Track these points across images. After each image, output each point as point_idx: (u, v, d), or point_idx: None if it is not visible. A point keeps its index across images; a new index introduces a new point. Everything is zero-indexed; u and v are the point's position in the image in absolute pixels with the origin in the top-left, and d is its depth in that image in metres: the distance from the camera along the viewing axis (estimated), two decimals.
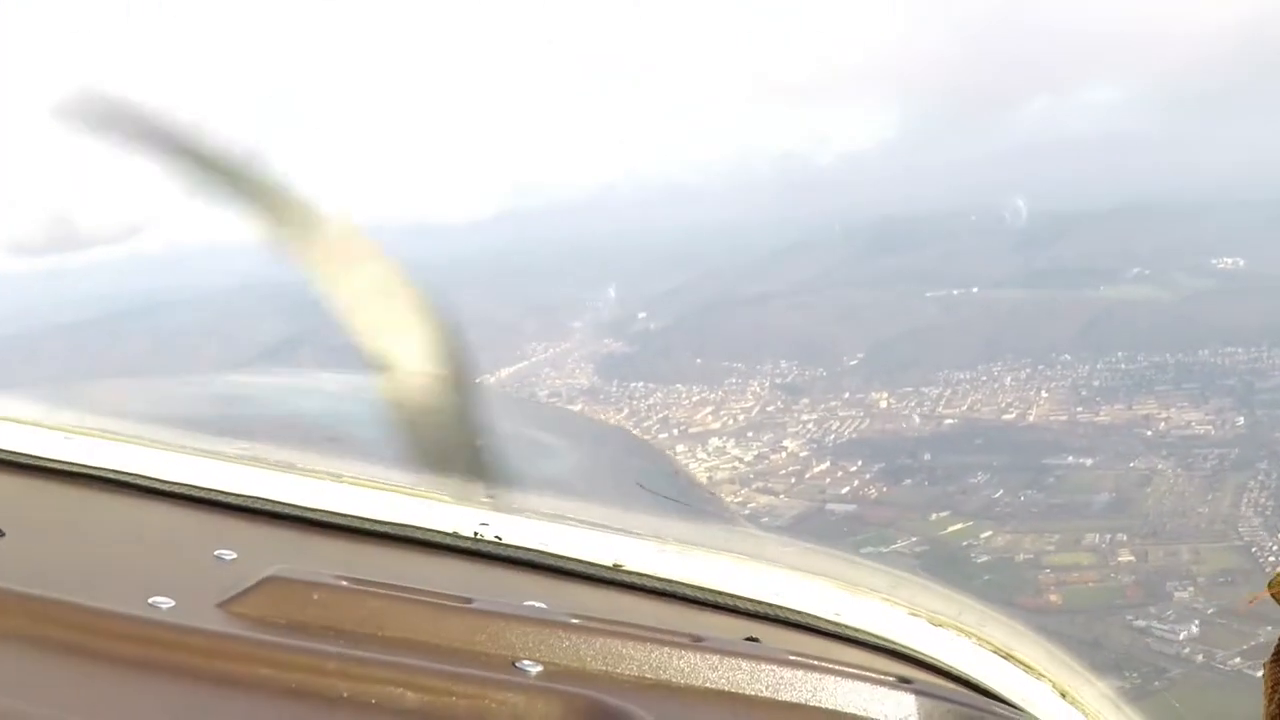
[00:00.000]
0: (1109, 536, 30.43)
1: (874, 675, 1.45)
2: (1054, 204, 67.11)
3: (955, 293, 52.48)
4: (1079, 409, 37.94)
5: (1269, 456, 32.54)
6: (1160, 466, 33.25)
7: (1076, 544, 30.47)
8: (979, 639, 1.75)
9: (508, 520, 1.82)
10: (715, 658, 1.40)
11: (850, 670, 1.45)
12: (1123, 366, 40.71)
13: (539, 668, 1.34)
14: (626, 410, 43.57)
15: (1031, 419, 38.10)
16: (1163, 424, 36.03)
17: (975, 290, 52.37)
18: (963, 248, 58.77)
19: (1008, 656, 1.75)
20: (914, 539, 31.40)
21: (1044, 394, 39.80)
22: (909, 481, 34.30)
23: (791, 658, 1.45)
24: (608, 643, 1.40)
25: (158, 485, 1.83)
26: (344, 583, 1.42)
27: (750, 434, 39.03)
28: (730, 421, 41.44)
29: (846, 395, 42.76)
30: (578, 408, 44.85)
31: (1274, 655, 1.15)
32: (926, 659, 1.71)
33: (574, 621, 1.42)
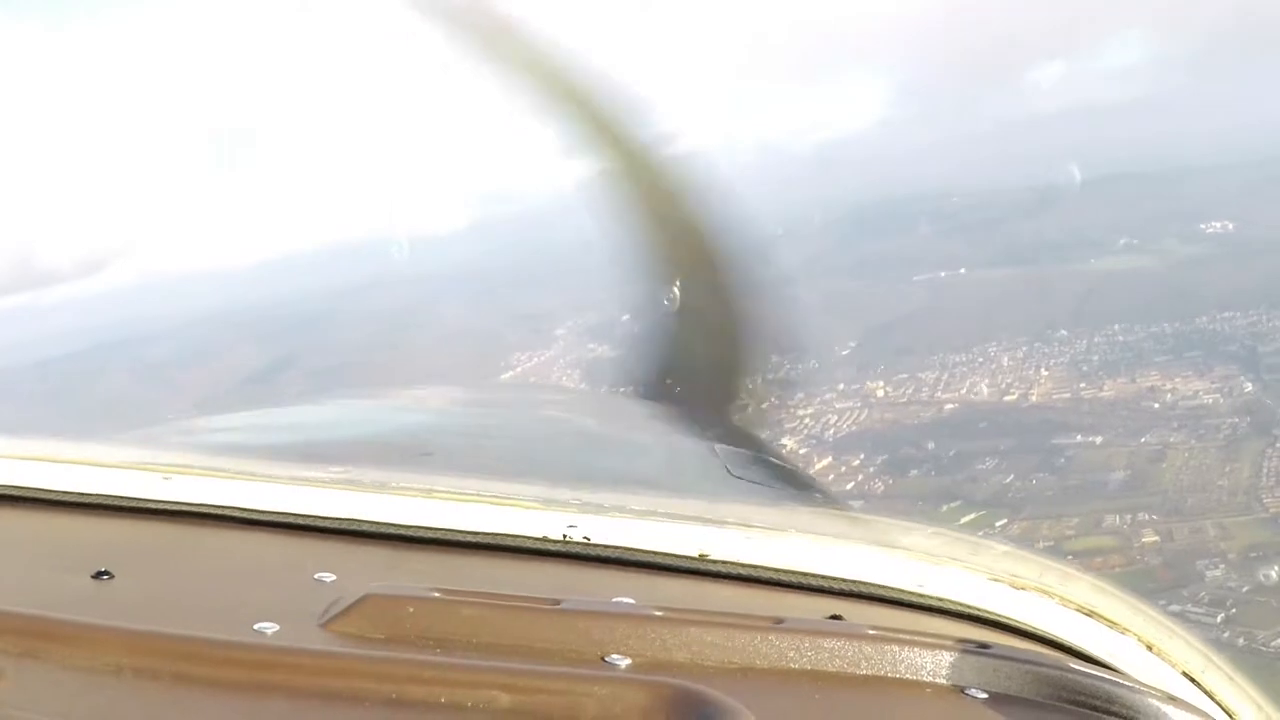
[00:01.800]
0: (1129, 517, 29.43)
1: (955, 643, 1.52)
2: (1035, 177, 66.34)
3: (943, 274, 51.69)
4: (1081, 385, 37.04)
5: None
6: (1173, 440, 32.44)
7: (1097, 527, 29.55)
8: (1062, 599, 1.85)
9: (595, 521, 1.95)
10: (797, 638, 1.48)
11: (932, 640, 1.53)
12: (1121, 339, 39.85)
13: (627, 660, 1.44)
14: None
15: (1034, 399, 37.19)
16: (1169, 395, 35.13)
17: (963, 271, 51.59)
18: (947, 228, 57.93)
19: (1091, 614, 1.85)
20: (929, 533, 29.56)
21: (1044, 372, 38.92)
22: (915, 472, 33.37)
23: (872, 632, 1.53)
24: (692, 631, 1.49)
25: (256, 516, 1.96)
26: (437, 594, 1.53)
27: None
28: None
29: (841, 387, 41.86)
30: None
31: None
32: (1010, 622, 1.81)
33: (658, 614, 1.51)
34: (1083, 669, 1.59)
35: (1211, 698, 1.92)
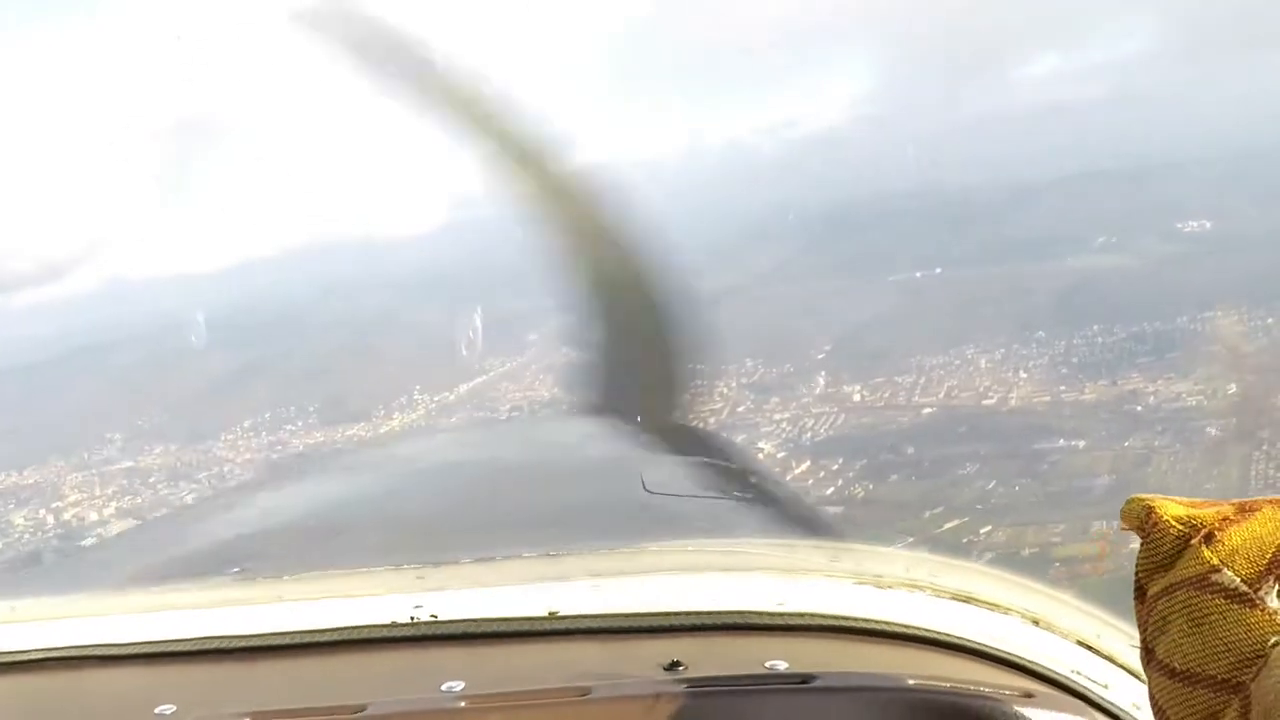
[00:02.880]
0: (1117, 523, 28.06)
1: (778, 681, 1.49)
2: (1009, 174, 65.96)
3: (918, 275, 51.18)
4: (1061, 388, 36.50)
5: (1269, 424, 31.35)
6: (1157, 444, 31.92)
7: (1084, 533, 28.40)
8: (934, 589, 1.89)
9: (441, 596, 2.01)
10: (609, 705, 1.46)
11: (750, 683, 1.49)
12: (1100, 340, 39.33)
13: None
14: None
15: (1013, 402, 36.62)
16: (1152, 398, 34.56)
17: (938, 270, 51.08)
18: (921, 227, 57.46)
19: (968, 599, 1.88)
20: (910, 539, 29.12)
21: (1022, 374, 38.38)
22: (895, 477, 32.76)
23: (695, 685, 1.48)
24: (495, 717, 1.49)
25: (113, 652, 1.96)
26: (248, 718, 1.51)
27: (723, 437, 37.52)
28: (700, 425, 39.86)
29: (818, 390, 41.29)
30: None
31: (1136, 594, 1.13)
32: (877, 625, 1.79)
33: (462, 705, 1.52)
34: (922, 686, 1.55)
35: (1111, 661, 1.87)
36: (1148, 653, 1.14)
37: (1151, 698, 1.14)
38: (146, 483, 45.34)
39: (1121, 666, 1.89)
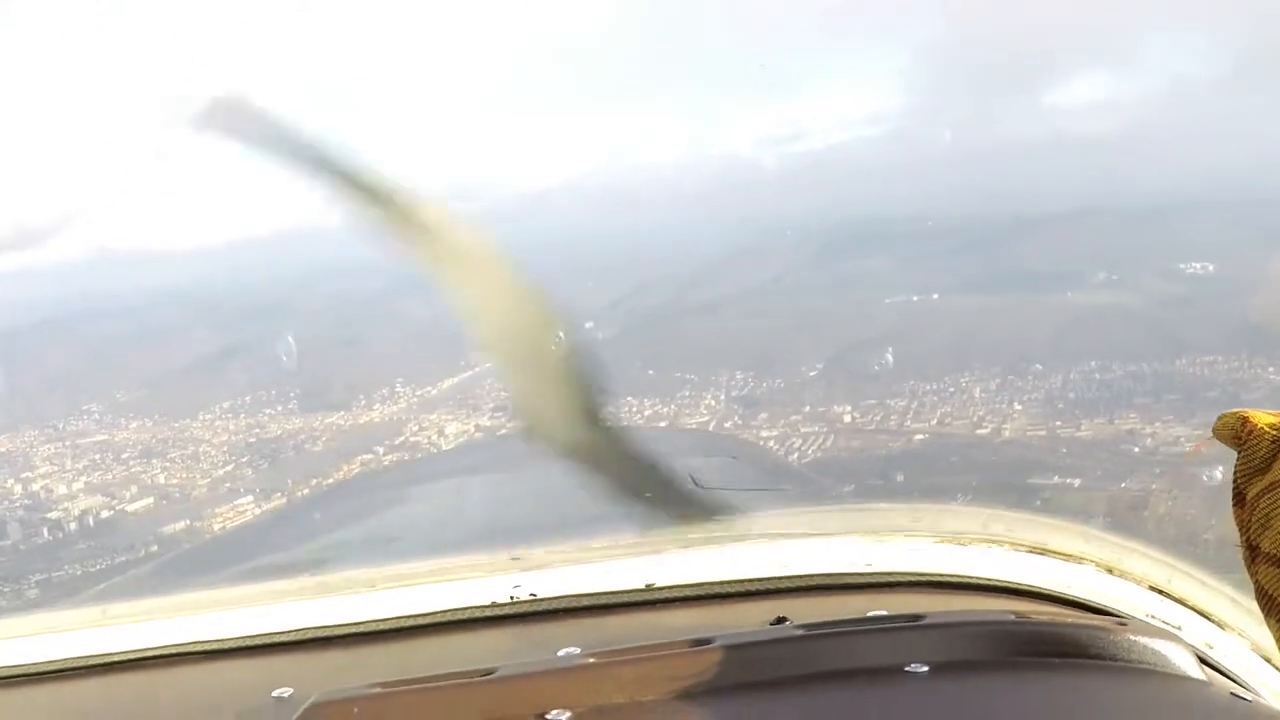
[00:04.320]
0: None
1: (888, 620, 1.57)
2: (1011, 204, 65.57)
3: (915, 299, 50.68)
4: (1057, 423, 35.86)
5: None
6: (1155, 487, 31.22)
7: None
8: (1011, 544, 2.05)
9: (538, 576, 2.07)
10: (728, 652, 1.52)
11: (865, 624, 1.57)
12: (1098, 377, 38.77)
13: (567, 714, 1.48)
14: None
15: (1007, 434, 35.97)
16: (1149, 439, 33.88)
17: (936, 296, 50.60)
18: (921, 252, 57.01)
19: (1044, 552, 2.05)
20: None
21: (1017, 406, 37.75)
22: (884, 506, 32.09)
23: (800, 631, 1.58)
24: (626, 670, 1.54)
25: (213, 647, 2.01)
26: (378, 689, 1.57)
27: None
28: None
29: (807, 409, 40.67)
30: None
31: (1235, 500, 1.21)
32: (962, 580, 1.94)
33: (591, 660, 1.56)
34: (1022, 619, 1.60)
35: (1183, 604, 2.02)
36: (1252, 549, 1.18)
37: (1259, 589, 1.19)
38: (119, 458, 44.76)
39: (1192, 609, 1.94)
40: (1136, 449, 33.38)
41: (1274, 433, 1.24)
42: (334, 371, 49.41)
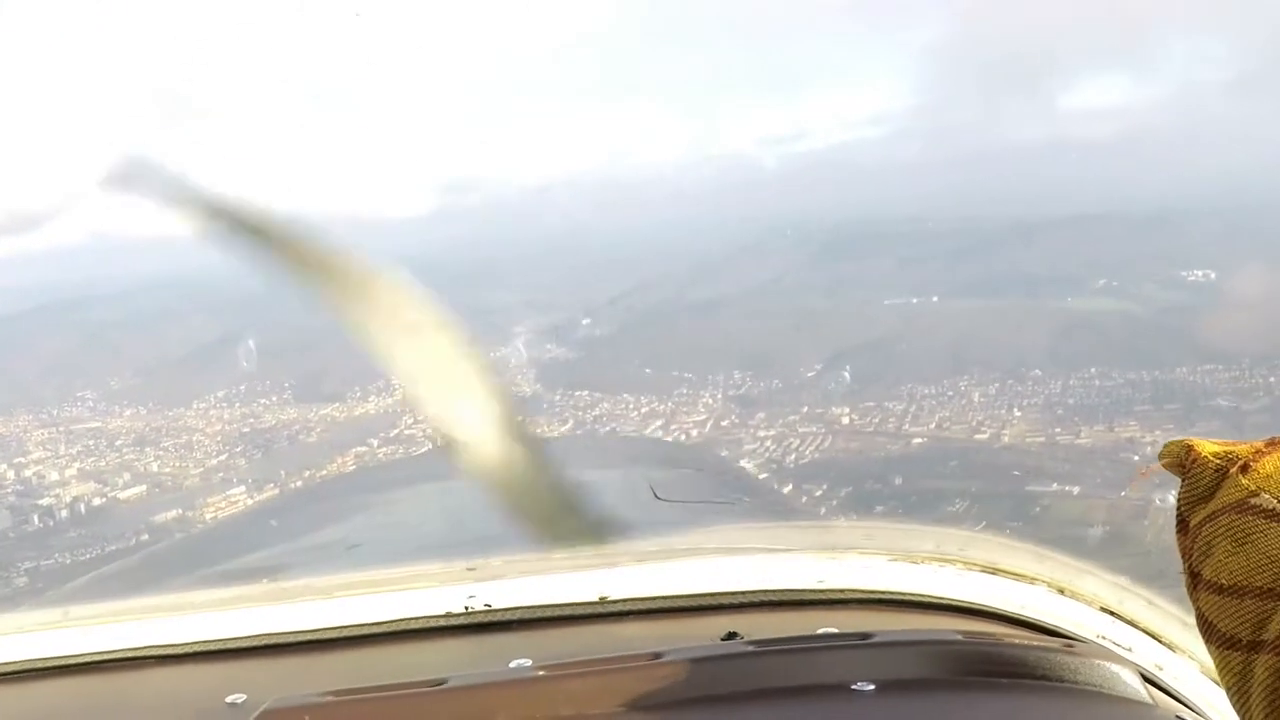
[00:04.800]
0: (1109, 579, 27.41)
1: (836, 639, 1.62)
2: (1012, 208, 65.55)
3: (915, 301, 50.52)
4: (1056, 429, 35.64)
5: None
6: (1155, 497, 31.09)
7: (1100, 579, 27.28)
8: (964, 563, 1.92)
9: (492, 586, 2.00)
10: (676, 667, 1.54)
11: (813, 642, 1.62)
12: (1097, 383, 38.55)
13: None
14: (571, 421, 41.36)
15: (1006, 439, 35.74)
16: (1149, 448, 33.59)
17: (935, 299, 50.44)
18: (921, 253, 56.85)
19: (995, 571, 1.92)
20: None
21: (1016, 412, 37.53)
22: (880, 509, 31.81)
23: (750, 647, 1.61)
24: (574, 683, 1.55)
25: (172, 651, 1.98)
26: (330, 698, 1.57)
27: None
28: (682, 436, 39.02)
29: (805, 409, 40.44)
30: (519, 418, 42.63)
31: (1179, 527, 1.26)
32: (914, 598, 1.87)
33: (541, 673, 1.58)
34: (970, 638, 1.62)
35: (1134, 625, 1.92)
36: (1194, 576, 1.25)
37: (1200, 616, 1.24)
38: (113, 445, 44.65)
39: (1143, 630, 1.96)
40: (1136, 457, 33.11)
41: (1217, 462, 1.26)
42: (329, 362, 49.24)
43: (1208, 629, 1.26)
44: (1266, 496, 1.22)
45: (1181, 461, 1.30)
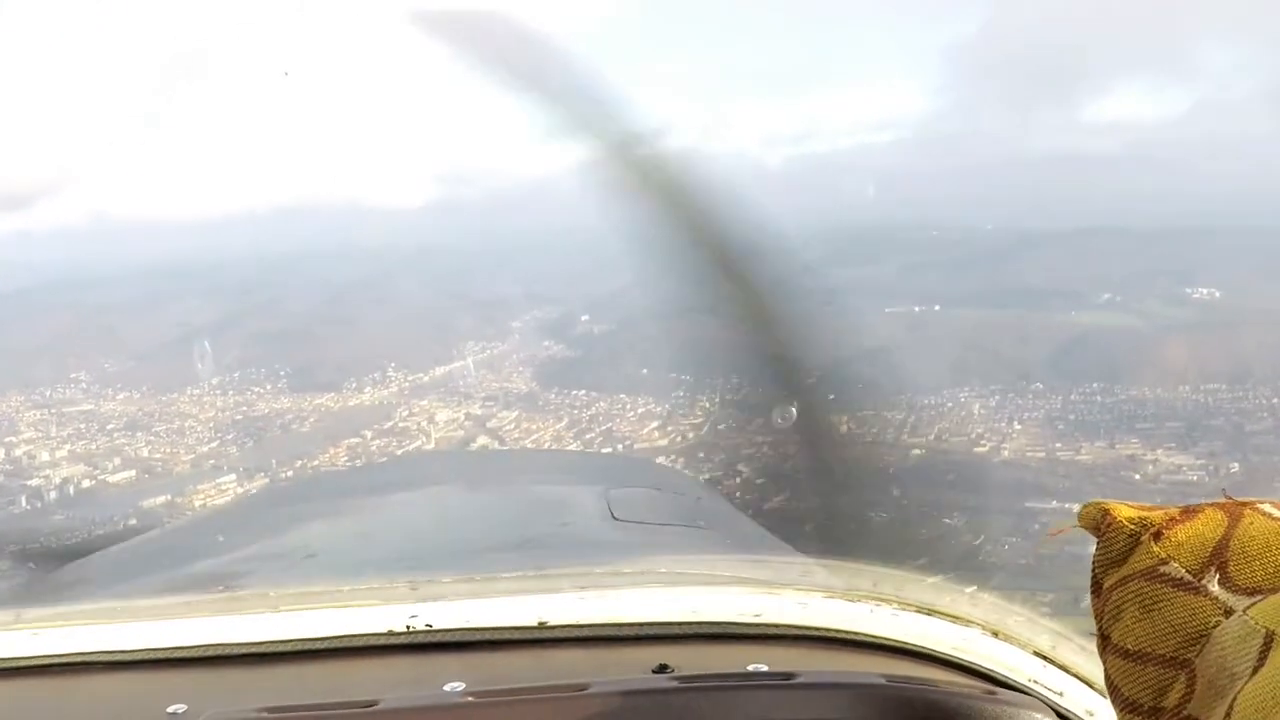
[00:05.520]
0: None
1: (762, 677, 1.64)
2: (1017, 219, 65.21)
3: (917, 309, 50.23)
4: (1057, 445, 35.28)
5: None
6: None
7: (1075, 606, 26.82)
8: (899, 603, 1.96)
9: (434, 607, 2.02)
10: (606, 700, 1.57)
11: (737, 679, 1.63)
12: (1099, 399, 38.23)
13: None
14: (567, 420, 41.11)
15: (1006, 454, 35.37)
16: (1151, 467, 33.30)
17: (937, 308, 50.14)
18: (923, 262, 56.54)
19: (931, 612, 1.95)
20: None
21: (1016, 425, 37.19)
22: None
23: (673, 683, 1.63)
24: (503, 710, 1.59)
25: (118, 658, 2.00)
26: (265, 715, 1.60)
27: (701, 454, 36.11)
28: (679, 439, 38.66)
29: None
30: (513, 414, 42.34)
31: (1093, 588, 1.30)
32: (848, 635, 1.89)
33: (470, 699, 1.62)
34: (894, 682, 1.62)
35: (1066, 671, 1.96)
36: (1103, 639, 1.30)
37: (1107, 678, 1.30)
38: (104, 429, 44.44)
39: (1075, 676, 1.96)
40: (1137, 476, 32.77)
41: (1132, 526, 1.29)
42: (325, 351, 48.98)
43: (1113, 691, 1.31)
44: (1175, 565, 1.25)
45: (1098, 524, 1.32)
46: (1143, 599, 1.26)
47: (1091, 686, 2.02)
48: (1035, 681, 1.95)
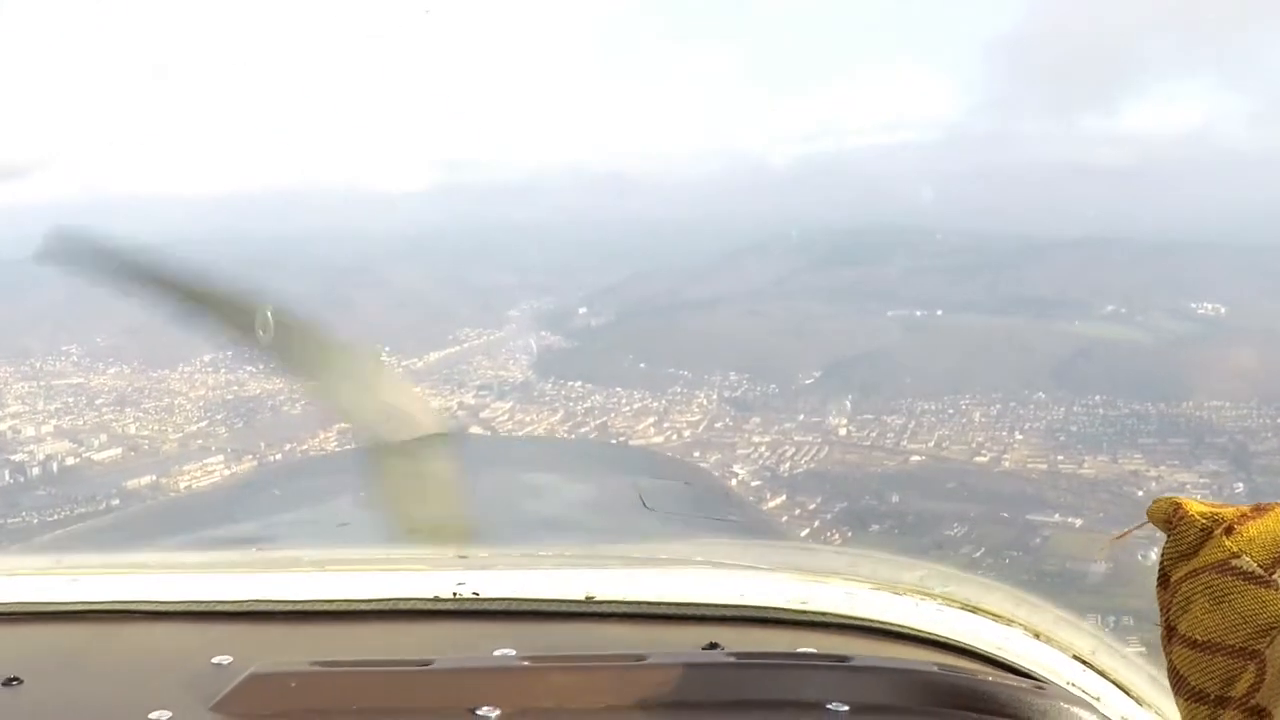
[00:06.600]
0: (1112, 619, 26.21)
1: (817, 658, 1.64)
2: (1022, 226, 65.00)
3: (918, 313, 49.88)
4: (1059, 457, 34.85)
5: None
6: (1159, 535, 30.21)
7: (1077, 627, 26.61)
8: (944, 598, 1.91)
9: (482, 575, 1.99)
10: (661, 671, 1.57)
11: (794, 659, 1.64)
12: (1101, 412, 37.81)
13: (497, 711, 1.51)
14: (562, 412, 40.73)
15: (1007, 464, 34.95)
16: (1154, 483, 32.85)
17: (939, 313, 49.76)
18: (926, 265, 56.14)
19: (975, 610, 1.90)
20: None
21: (1018, 435, 36.75)
22: (876, 528, 30.98)
23: (732, 658, 1.63)
24: (558, 677, 1.56)
25: (160, 608, 1.98)
26: (317, 668, 1.60)
27: (697, 453, 35.80)
28: (675, 436, 38.28)
29: (801, 417, 39.66)
30: (508, 405, 41.98)
31: (1160, 581, 1.30)
32: (893, 627, 1.85)
33: (526, 664, 1.60)
34: (946, 670, 1.63)
35: (1104, 676, 1.92)
36: (1169, 630, 1.28)
37: (1172, 669, 1.28)
38: (92, 404, 44.13)
39: (1113, 681, 1.89)
40: (1140, 492, 32.25)
41: (1203, 521, 1.25)
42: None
43: (1178, 681, 1.30)
44: (1247, 559, 1.24)
45: (1169, 518, 1.30)
46: (1213, 591, 1.24)
47: (1128, 693, 1.94)
48: (1073, 684, 1.87)
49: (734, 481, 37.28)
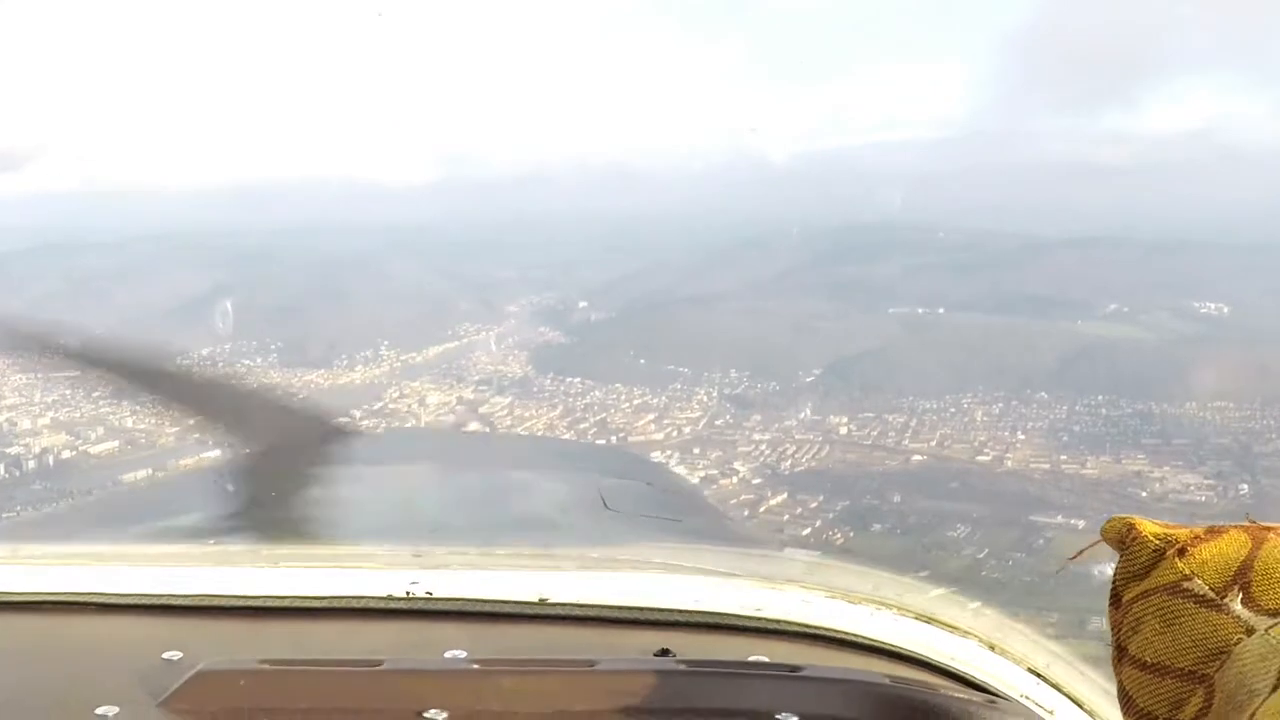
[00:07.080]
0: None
1: (768, 668, 1.68)
2: (1024, 225, 64.76)
3: (920, 311, 49.55)
4: (1062, 457, 34.58)
5: None
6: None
7: (1081, 629, 26.26)
8: (899, 608, 1.96)
9: (436, 575, 2.04)
10: (610, 678, 1.61)
11: (745, 668, 1.68)
12: (1104, 412, 37.55)
13: (444, 714, 1.54)
14: (561, 408, 40.52)
15: (1009, 464, 34.68)
16: (1157, 485, 32.57)
17: (941, 311, 49.46)
18: (928, 263, 55.83)
19: (930, 620, 1.95)
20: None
21: (1020, 435, 36.50)
22: (878, 527, 30.67)
23: (683, 666, 1.68)
24: (507, 681, 1.61)
25: (112, 600, 2.01)
26: (266, 666, 1.64)
27: (697, 450, 35.56)
28: (675, 433, 38.03)
29: (803, 415, 39.38)
30: (507, 400, 41.77)
31: (1111, 601, 1.32)
32: (847, 636, 1.90)
33: (475, 666, 1.65)
34: (897, 682, 1.66)
35: (1058, 689, 1.96)
36: (1120, 650, 1.33)
37: (1121, 690, 1.33)
38: (89, 397, 43.81)
39: (1067, 695, 1.98)
40: (1144, 493, 31.99)
41: (1156, 541, 1.31)
42: (317, 327, 48.37)
43: (1127, 703, 1.33)
44: (1199, 582, 1.28)
45: (1122, 538, 1.34)
46: (1164, 613, 1.28)
47: (1081, 707, 2.01)
48: (1026, 697, 1.92)
49: (735, 479, 37.35)
